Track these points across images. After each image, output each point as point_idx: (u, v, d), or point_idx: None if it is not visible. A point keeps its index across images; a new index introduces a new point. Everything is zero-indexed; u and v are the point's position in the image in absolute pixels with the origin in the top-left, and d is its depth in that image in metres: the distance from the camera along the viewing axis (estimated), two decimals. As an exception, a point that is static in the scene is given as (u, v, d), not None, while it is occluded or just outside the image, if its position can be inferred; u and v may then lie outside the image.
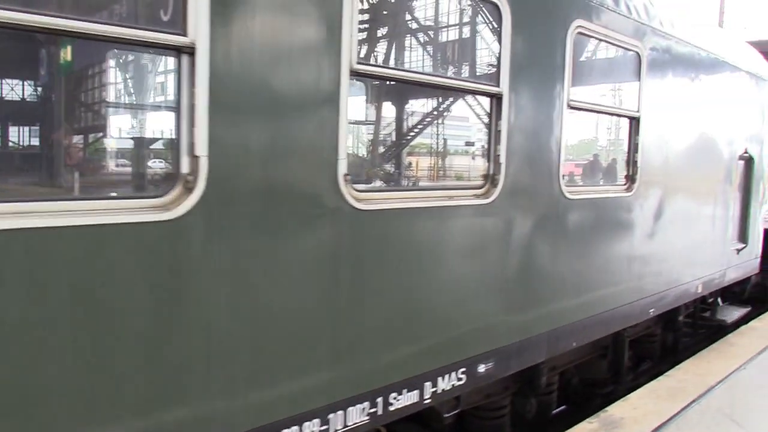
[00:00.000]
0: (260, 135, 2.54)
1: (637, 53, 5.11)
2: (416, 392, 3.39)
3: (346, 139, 2.83)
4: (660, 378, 5.38)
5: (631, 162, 5.23)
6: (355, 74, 2.86)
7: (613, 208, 5.05)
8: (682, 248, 6.24)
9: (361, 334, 3.02)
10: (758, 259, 8.66)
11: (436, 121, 6.72)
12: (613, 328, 5.26)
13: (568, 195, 4.38)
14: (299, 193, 2.70)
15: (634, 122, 5.20)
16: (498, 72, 3.67)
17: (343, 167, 2.82)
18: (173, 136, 2.38)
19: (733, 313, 8.00)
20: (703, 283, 6.86)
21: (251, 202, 2.53)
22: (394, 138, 6.60)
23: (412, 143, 7.35)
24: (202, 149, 2.34)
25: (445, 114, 6.74)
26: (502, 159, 3.72)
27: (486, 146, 3.74)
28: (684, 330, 7.45)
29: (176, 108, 2.31)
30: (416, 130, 6.73)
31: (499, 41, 3.64)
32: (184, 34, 2.28)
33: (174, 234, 2.32)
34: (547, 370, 4.91)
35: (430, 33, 5.72)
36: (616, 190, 5.13)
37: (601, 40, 4.68)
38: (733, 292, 9.66)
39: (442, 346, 3.56)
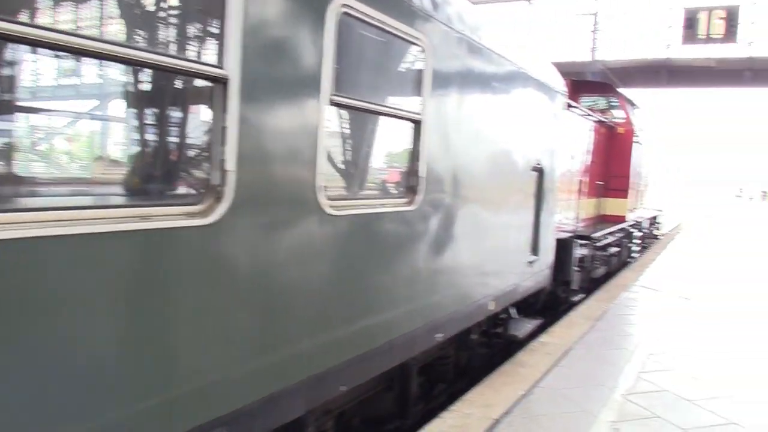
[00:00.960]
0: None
1: (421, 47, 4.48)
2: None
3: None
4: (443, 415, 4.81)
5: (413, 172, 4.60)
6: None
7: (391, 224, 4.37)
8: (474, 265, 5.80)
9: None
10: (550, 270, 8.65)
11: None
12: (392, 361, 4.59)
13: (330, 210, 3.59)
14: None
15: (416, 126, 4.58)
16: (221, 49, 2.75)
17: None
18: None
19: (525, 327, 7.84)
20: (496, 300, 6.52)
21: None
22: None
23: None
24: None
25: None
26: (231, 165, 2.80)
27: (208, 147, 2.81)
28: (479, 347, 7.14)
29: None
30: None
31: (223, 9, 2.73)
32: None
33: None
34: (318, 416, 4.11)
35: None
36: (395, 203, 4.44)
37: (374, 26, 3.94)
38: (527, 303, 9.71)
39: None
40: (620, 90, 15.39)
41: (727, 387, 5.90)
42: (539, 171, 7.57)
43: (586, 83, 16.19)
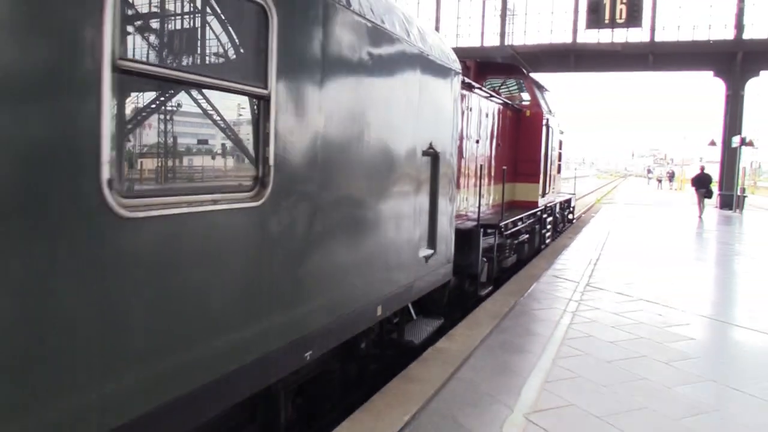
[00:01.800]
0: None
1: (263, 7, 3.46)
2: None
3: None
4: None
5: (261, 159, 3.57)
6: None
7: (230, 224, 3.31)
8: (352, 267, 4.84)
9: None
10: (451, 264, 7.80)
11: None
12: (245, 391, 3.58)
13: (123, 212, 2.52)
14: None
15: (263, 104, 3.55)
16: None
17: None
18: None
19: (424, 330, 6.97)
20: (385, 303, 5.59)
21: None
22: None
23: None
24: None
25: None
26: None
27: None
28: (371, 357, 6.23)
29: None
30: None
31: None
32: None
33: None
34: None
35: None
36: (234, 198, 3.38)
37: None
38: (433, 300, 8.90)
39: None
40: (529, 73, 14.80)
41: (641, 400, 5.19)
42: (433, 156, 6.68)
43: (492, 65, 15.54)
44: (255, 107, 3.60)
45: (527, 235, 13.22)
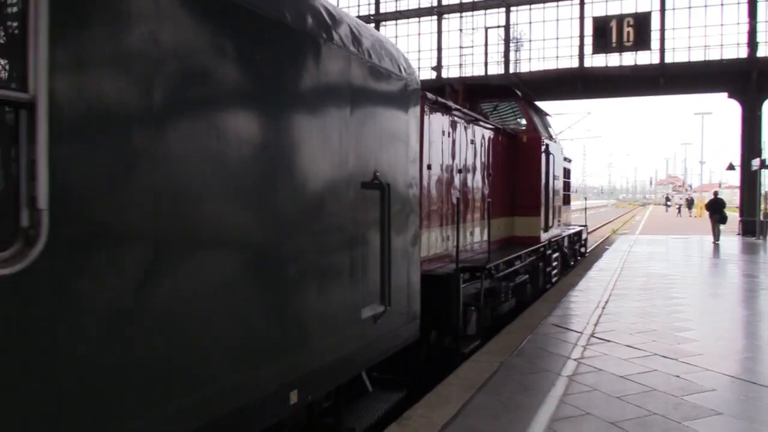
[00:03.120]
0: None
1: None
2: None
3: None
4: None
5: (24, 201, 2.28)
6: None
7: None
8: (234, 348, 3.51)
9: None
10: (417, 321, 6.40)
11: None
12: None
13: None
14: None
15: (23, 114, 2.28)
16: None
17: None
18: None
19: (375, 410, 5.55)
20: (304, 386, 4.21)
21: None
22: None
23: None
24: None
25: None
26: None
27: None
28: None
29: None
30: None
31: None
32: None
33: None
34: None
35: None
36: None
37: None
38: (405, 360, 7.50)
39: None
40: (521, 94, 13.51)
41: None
42: (381, 188, 5.34)
43: (483, 88, 14.32)
44: (7, 121, 2.32)
45: (527, 276, 11.76)
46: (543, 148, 12.99)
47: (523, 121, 13.35)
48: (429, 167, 8.46)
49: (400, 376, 7.35)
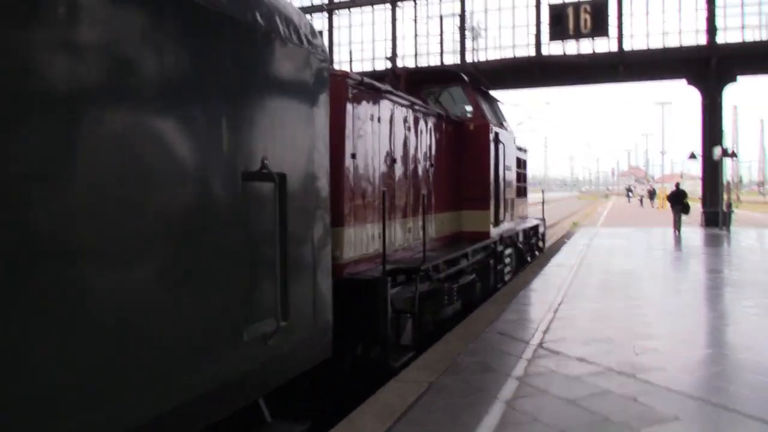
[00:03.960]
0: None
1: None
2: None
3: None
4: None
5: None
6: None
7: None
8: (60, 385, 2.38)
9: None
10: (328, 335, 5.29)
11: None
12: None
13: None
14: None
15: None
16: None
17: None
18: None
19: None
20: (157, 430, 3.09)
21: None
22: None
23: None
24: None
25: None
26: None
27: None
28: None
29: None
30: None
31: None
32: None
33: None
34: None
35: None
36: None
37: None
38: (328, 379, 6.43)
39: None
40: (467, 79, 12.45)
41: None
42: (274, 180, 4.21)
43: (428, 73, 13.26)
44: None
45: (474, 275, 10.73)
46: (492, 136, 11.97)
47: (470, 108, 12.31)
48: (353, 156, 7.34)
49: (314, 400, 6.27)
